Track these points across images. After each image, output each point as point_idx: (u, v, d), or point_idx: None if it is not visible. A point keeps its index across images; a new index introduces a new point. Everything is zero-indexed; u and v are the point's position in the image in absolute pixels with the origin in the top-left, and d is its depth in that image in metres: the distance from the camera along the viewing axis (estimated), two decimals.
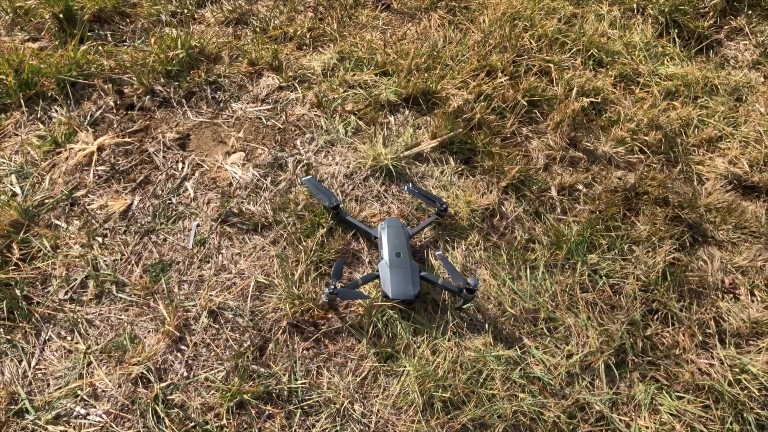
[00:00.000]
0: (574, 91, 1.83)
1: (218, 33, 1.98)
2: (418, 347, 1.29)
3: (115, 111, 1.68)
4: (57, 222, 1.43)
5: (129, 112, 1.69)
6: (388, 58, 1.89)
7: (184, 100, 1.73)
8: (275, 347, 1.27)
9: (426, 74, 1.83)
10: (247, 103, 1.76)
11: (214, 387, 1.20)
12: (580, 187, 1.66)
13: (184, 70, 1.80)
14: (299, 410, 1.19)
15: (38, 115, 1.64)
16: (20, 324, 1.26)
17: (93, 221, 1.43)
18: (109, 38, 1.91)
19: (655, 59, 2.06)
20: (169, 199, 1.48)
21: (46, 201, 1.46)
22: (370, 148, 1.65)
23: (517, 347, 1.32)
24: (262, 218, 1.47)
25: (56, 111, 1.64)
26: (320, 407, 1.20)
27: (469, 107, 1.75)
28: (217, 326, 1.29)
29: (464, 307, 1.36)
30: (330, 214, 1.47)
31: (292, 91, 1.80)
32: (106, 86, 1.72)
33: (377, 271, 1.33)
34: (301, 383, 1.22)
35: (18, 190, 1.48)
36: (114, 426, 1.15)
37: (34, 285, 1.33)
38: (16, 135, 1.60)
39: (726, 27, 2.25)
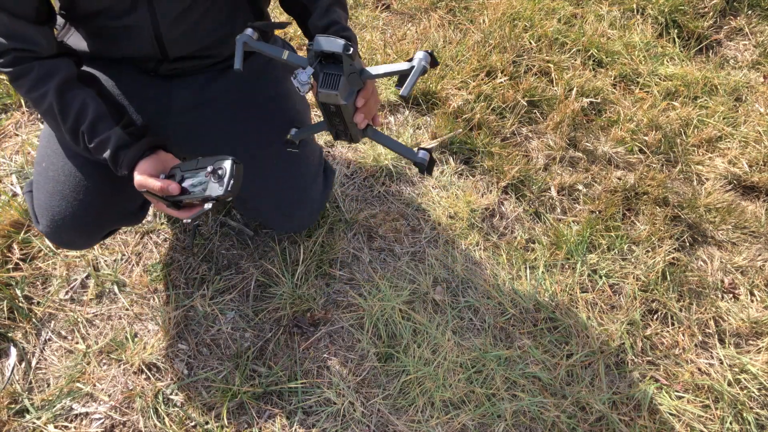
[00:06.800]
0: (574, 92, 1.83)
1: None
2: (418, 347, 1.29)
3: None
4: None
5: None
6: (388, 58, 1.89)
7: None
8: (275, 347, 1.28)
9: (426, 74, 1.83)
10: None
11: (214, 387, 1.21)
12: (580, 187, 1.66)
13: None
14: (299, 410, 1.19)
15: (38, 116, 1.64)
16: (20, 324, 1.27)
17: None
18: None
19: (654, 59, 2.07)
20: None
21: None
22: (370, 148, 1.65)
23: (517, 347, 1.32)
24: None
25: None
26: (320, 407, 1.21)
27: (469, 107, 1.75)
28: (217, 326, 1.30)
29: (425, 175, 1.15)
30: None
31: None
32: None
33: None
34: (301, 383, 1.23)
35: (18, 190, 1.49)
36: (114, 425, 1.15)
37: (35, 285, 1.33)
38: (17, 135, 1.60)
39: (726, 27, 2.25)
